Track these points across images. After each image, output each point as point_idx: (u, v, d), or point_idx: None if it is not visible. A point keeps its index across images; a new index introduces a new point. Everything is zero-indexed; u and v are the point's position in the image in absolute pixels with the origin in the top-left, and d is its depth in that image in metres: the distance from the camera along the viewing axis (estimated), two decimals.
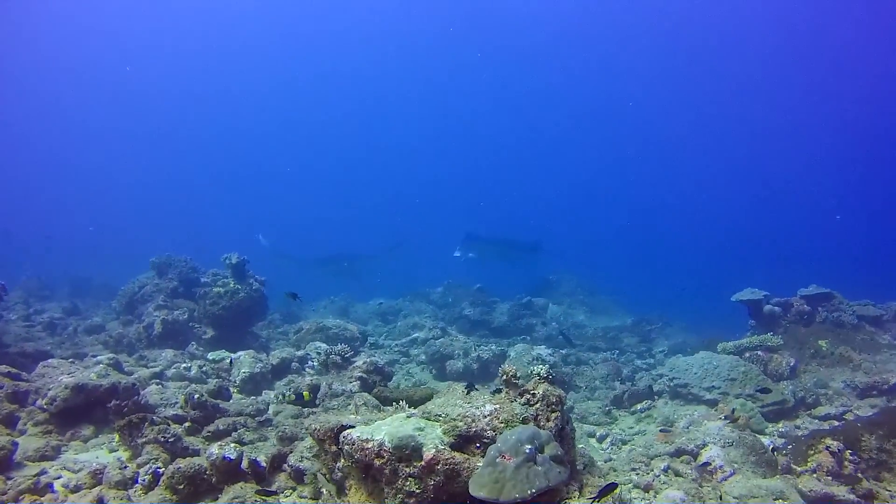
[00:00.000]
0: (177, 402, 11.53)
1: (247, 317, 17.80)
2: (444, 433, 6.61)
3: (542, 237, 33.39)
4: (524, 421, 6.85)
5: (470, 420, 6.77)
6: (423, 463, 6.13)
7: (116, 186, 73.11)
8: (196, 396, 10.38)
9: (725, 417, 12.55)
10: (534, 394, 7.22)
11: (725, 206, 69.52)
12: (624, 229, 63.90)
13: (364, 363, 11.62)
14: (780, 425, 12.96)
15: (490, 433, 6.64)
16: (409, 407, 7.82)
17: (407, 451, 6.20)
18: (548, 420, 7.00)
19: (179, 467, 7.68)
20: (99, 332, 18.86)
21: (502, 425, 6.73)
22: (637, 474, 10.14)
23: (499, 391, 7.52)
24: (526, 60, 70.65)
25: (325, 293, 29.35)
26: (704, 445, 10.81)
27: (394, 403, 8.18)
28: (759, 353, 15.31)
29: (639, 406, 14.35)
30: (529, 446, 5.92)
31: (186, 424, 10.28)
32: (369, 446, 6.35)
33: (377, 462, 6.27)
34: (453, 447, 6.47)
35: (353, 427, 6.80)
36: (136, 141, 77.92)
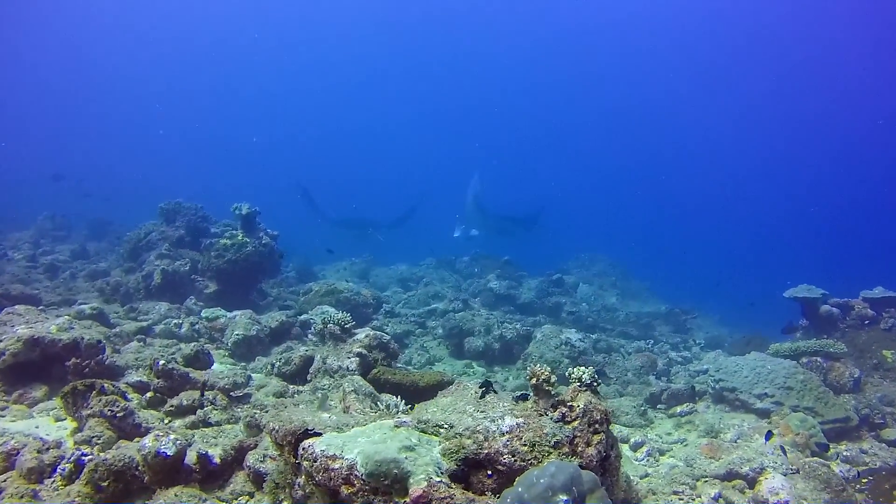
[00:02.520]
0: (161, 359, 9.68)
1: (254, 273, 15.91)
2: (444, 455, 4.59)
3: (541, 210, 31.55)
4: (557, 445, 4.78)
5: (482, 437, 4.73)
6: (408, 501, 4.12)
7: (160, 138, 71.68)
8: (161, 363, 8.46)
9: (780, 434, 10.41)
10: (572, 406, 5.13)
11: (768, 196, 65.95)
12: (661, 215, 60.92)
13: (366, 336, 9.60)
14: (843, 447, 10.77)
15: (508, 458, 4.61)
16: (405, 406, 5.82)
17: (386, 481, 4.19)
18: (588, 444, 4.93)
19: (105, 459, 5.75)
20: (102, 278, 17.12)
21: (525, 448, 4.68)
22: (681, 500, 8.07)
23: (524, 397, 5.45)
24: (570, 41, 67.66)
25: (347, 253, 27.42)
26: (762, 470, 8.67)
27: (384, 400, 6.17)
28: (819, 359, 13.02)
29: (679, 409, 12.19)
30: (565, 497, 3.83)
31: (148, 395, 8.40)
32: (336, 467, 4.34)
33: (345, 490, 4.27)
34: (455, 477, 4.45)
35: (320, 435, 4.78)
36: (183, 95, 76.41)
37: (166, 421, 7.96)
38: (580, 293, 23.73)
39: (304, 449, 4.65)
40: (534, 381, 5.30)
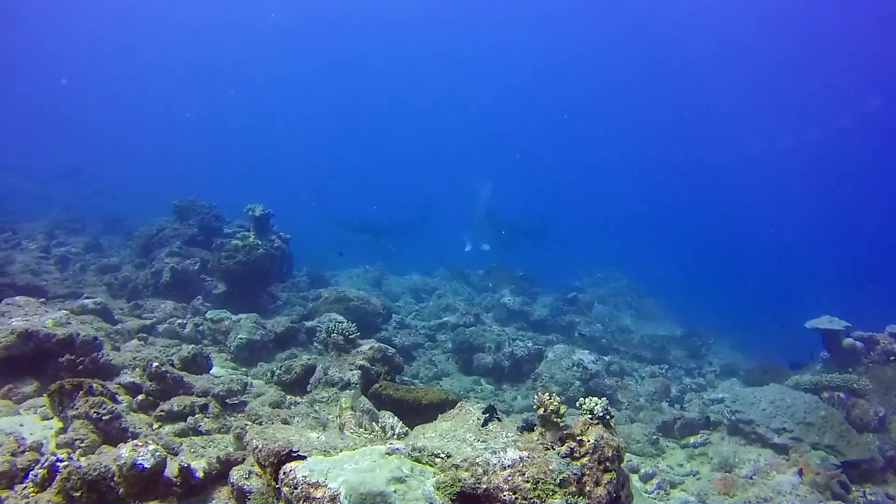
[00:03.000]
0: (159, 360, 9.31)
1: (264, 276, 15.55)
2: (438, 488, 4.14)
3: (547, 222, 31.20)
4: (563, 483, 4.32)
5: (480, 471, 4.29)
6: None
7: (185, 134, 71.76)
8: (154, 365, 8.06)
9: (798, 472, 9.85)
10: (581, 441, 4.66)
11: (788, 218, 64.58)
12: (680, 232, 59.81)
13: (371, 348, 9.17)
14: (867, 490, 10.18)
15: (508, 496, 4.16)
16: (403, 429, 5.38)
17: None
18: (597, 484, 4.46)
19: (80, 467, 5.35)
20: (112, 272, 16.83)
21: (528, 486, 4.23)
22: None
23: (529, 427, 4.98)
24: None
25: (361, 260, 27.03)
26: None
27: (383, 418, 5.74)
28: (841, 394, 12.41)
29: (692, 439, 11.66)
30: None
31: (140, 398, 8.01)
32: (318, 496, 3.92)
33: None
34: None
35: (304, 458, 4.35)
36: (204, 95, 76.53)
37: (155, 426, 7.56)
38: (595, 312, 23.18)
39: (284, 473, 4.23)
40: (541, 410, 4.83)
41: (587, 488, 4.40)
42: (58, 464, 5.58)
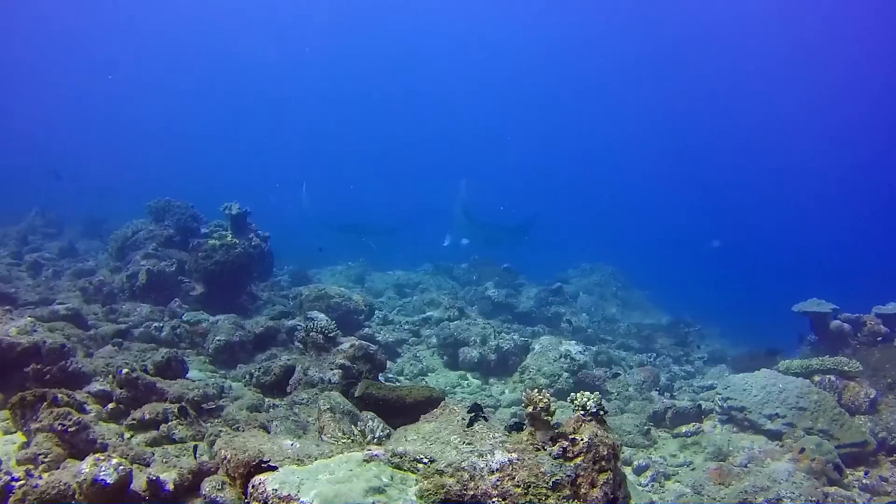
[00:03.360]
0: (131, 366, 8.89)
1: (243, 275, 15.11)
2: (421, 497, 3.80)
3: (530, 219, 30.81)
4: (556, 486, 3.98)
5: (467, 476, 3.94)
6: None
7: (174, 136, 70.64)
8: (124, 371, 7.65)
9: (793, 459, 9.60)
10: (574, 440, 4.32)
11: (778, 203, 64.30)
12: (664, 222, 59.53)
13: (351, 346, 8.78)
14: (861, 474, 9.95)
15: (497, 502, 3.80)
16: (384, 431, 5.02)
17: None
18: (593, 486, 4.13)
19: (36, 486, 4.96)
20: (87, 276, 16.31)
21: (519, 490, 3.89)
22: None
23: (518, 427, 4.62)
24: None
25: (343, 257, 26.60)
26: (779, 501, 7.86)
27: (364, 419, 5.38)
28: (832, 378, 12.18)
29: (684, 428, 11.38)
30: None
31: (110, 406, 7.59)
32: None
33: None
34: None
35: (276, 469, 3.98)
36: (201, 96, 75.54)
37: (127, 436, 7.15)
38: (580, 303, 22.92)
39: (254, 486, 3.86)
40: (530, 408, 4.48)
41: (582, 490, 4.07)
42: (13, 483, 5.18)
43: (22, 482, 5.16)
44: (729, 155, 69.14)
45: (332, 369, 8.44)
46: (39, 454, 6.13)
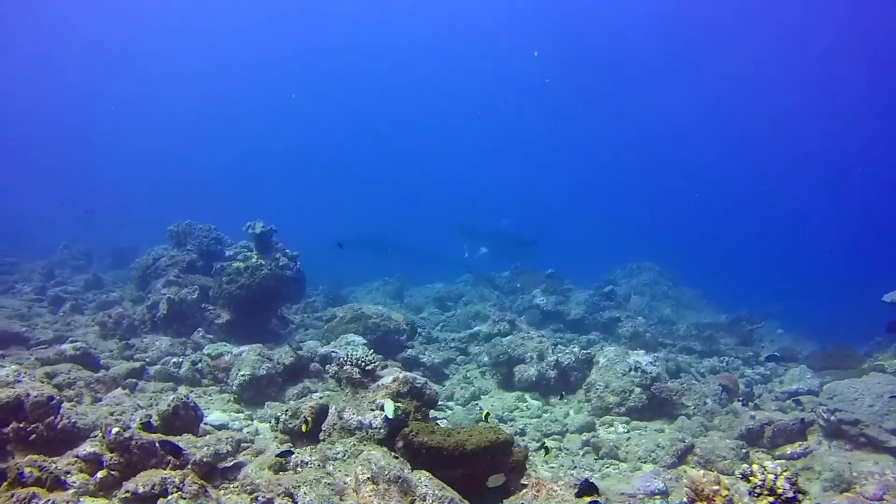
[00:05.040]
0: (134, 420, 7.23)
1: (271, 298, 13.45)
2: None
3: (539, 232, 29.78)
4: None
5: None
6: None
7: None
8: (114, 432, 5.93)
9: None
10: None
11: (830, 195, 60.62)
12: (713, 215, 56.63)
13: (395, 380, 6.98)
14: None
15: None
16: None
17: None
18: None
19: None
20: (113, 308, 14.83)
21: None
22: None
23: None
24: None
25: (377, 273, 24.92)
26: None
27: (418, 486, 3.61)
28: None
29: (789, 449, 9.36)
30: None
31: (100, 475, 5.88)
32: None
33: None
34: None
35: None
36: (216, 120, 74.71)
37: None
38: (632, 305, 20.91)
39: None
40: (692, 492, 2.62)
41: None
42: None
43: None
44: (772, 142, 65.62)
45: (371, 410, 6.65)
46: None
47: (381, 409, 6.51)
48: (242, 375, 9.63)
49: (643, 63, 62.11)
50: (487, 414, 10.45)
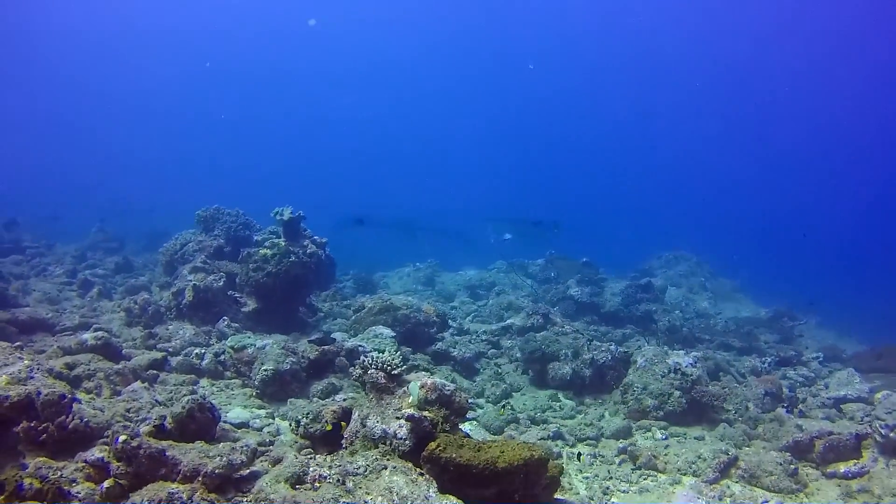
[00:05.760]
0: (149, 420, 6.87)
1: (298, 286, 13.02)
2: None
3: (561, 215, 28.72)
4: None
5: None
6: None
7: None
8: (121, 440, 5.52)
9: None
10: None
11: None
12: (738, 210, 55.00)
13: (423, 387, 6.47)
14: None
15: None
16: None
17: None
18: None
19: None
20: (140, 293, 14.59)
21: None
22: None
23: None
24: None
25: (409, 256, 24.43)
26: None
27: None
28: None
29: (843, 467, 8.64)
30: None
31: (106, 485, 5.48)
32: None
33: None
34: None
35: None
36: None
37: None
38: (669, 298, 20.12)
39: None
40: None
41: None
42: None
43: None
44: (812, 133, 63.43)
45: (397, 419, 6.16)
46: None
47: (409, 421, 6.01)
48: (265, 370, 9.22)
49: (688, 47, 60.62)
50: (511, 410, 9.95)
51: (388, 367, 6.62)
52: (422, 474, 5.63)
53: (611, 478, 8.05)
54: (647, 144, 68.80)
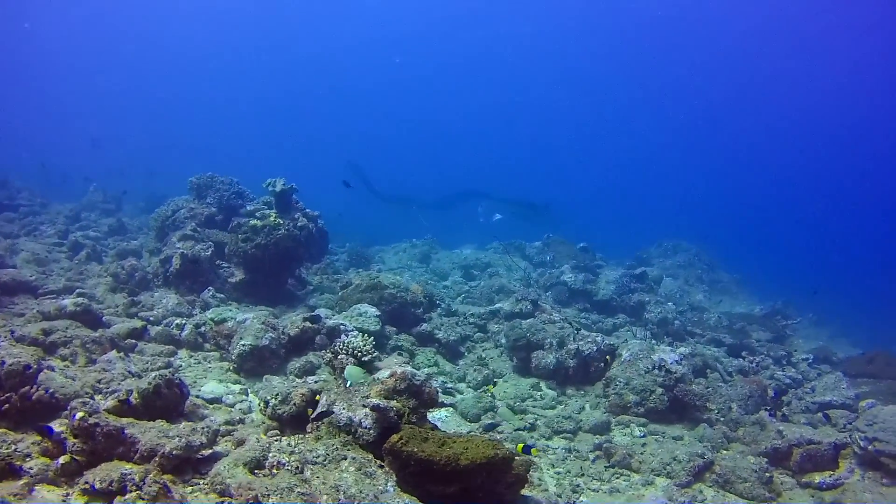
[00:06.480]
0: (117, 392, 6.74)
1: (287, 259, 12.90)
2: None
3: (549, 196, 29.27)
4: None
5: None
6: None
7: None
8: (78, 416, 5.41)
9: None
10: None
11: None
12: (744, 200, 54.58)
13: (391, 376, 6.32)
14: None
15: None
16: None
17: None
18: None
19: None
20: (131, 257, 14.48)
21: None
22: None
23: None
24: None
25: (410, 232, 24.31)
26: None
27: None
28: None
29: (818, 478, 8.52)
30: None
31: (62, 461, 5.37)
32: None
33: None
34: None
35: None
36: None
37: None
38: (664, 288, 19.94)
39: None
40: None
41: None
42: None
43: None
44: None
45: (363, 407, 6.04)
46: None
47: (374, 410, 5.90)
48: (243, 345, 9.11)
49: (696, 38, 59.62)
50: (491, 397, 9.82)
51: (359, 353, 6.50)
52: (381, 466, 5.53)
53: (583, 475, 7.94)
54: (660, 133, 68.24)
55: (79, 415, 5.42)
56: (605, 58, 66.34)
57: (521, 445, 6.95)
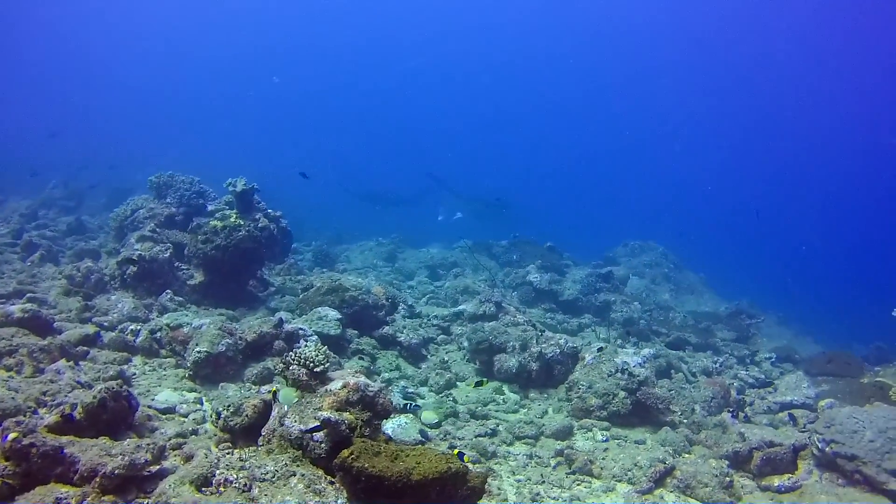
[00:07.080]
0: (63, 404, 6.48)
1: (248, 261, 12.62)
2: None
3: (509, 194, 29.77)
4: None
5: None
6: None
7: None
8: (11, 437, 5.16)
9: None
10: None
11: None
12: (711, 201, 54.94)
13: (344, 387, 6.16)
14: None
15: None
16: None
17: None
18: None
19: None
20: (90, 257, 14.11)
21: None
22: None
23: None
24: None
25: (379, 230, 24.12)
26: None
27: None
28: None
29: (777, 481, 8.56)
30: None
31: None
32: None
33: None
34: None
35: None
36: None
37: None
38: (630, 287, 20.03)
39: None
40: None
41: None
42: None
43: None
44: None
45: (315, 420, 5.88)
46: None
47: (325, 423, 5.75)
48: (198, 352, 8.87)
49: (666, 44, 60.17)
50: (453, 402, 9.70)
51: (311, 364, 6.32)
52: (332, 483, 5.38)
53: (543, 482, 7.86)
54: (634, 135, 68.63)
55: (11, 435, 5.18)
56: (575, 55, 66.78)
57: (456, 451, 6.90)
